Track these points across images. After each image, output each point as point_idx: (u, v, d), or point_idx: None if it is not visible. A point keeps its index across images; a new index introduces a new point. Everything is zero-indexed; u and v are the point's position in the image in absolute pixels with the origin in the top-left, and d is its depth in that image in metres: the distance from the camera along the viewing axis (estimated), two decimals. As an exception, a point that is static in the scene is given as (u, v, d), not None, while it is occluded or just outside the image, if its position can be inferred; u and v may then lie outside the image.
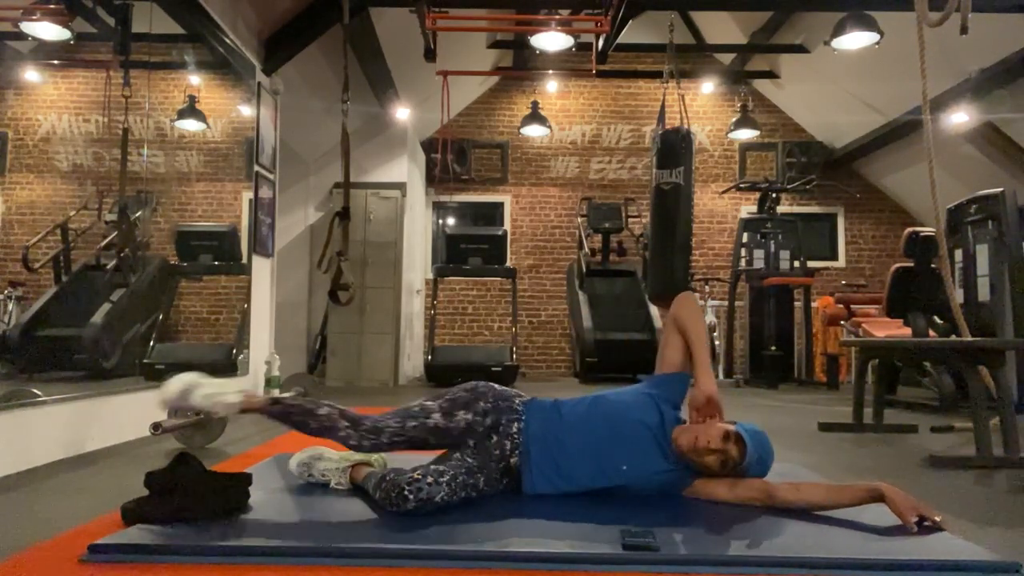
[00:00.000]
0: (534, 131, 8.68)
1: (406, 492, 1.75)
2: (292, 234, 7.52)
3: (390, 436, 1.97)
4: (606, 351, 7.39)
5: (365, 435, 1.97)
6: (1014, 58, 5.79)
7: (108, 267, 3.95)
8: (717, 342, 7.72)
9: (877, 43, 5.88)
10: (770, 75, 8.80)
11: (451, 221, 9.35)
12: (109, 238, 3.91)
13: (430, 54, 5.81)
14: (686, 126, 6.10)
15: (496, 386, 2.11)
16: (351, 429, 1.97)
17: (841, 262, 9.20)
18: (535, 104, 8.45)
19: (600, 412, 2.02)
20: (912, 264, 5.54)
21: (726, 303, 7.86)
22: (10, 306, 3.60)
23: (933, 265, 5.37)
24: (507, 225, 9.06)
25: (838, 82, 7.74)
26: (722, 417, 1.97)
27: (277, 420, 2.07)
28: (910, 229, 5.69)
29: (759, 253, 7.52)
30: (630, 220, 8.70)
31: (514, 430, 1.99)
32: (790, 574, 1.45)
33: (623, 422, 1.98)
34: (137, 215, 4.07)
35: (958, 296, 4.48)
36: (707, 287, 7.92)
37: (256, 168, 4.88)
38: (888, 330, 5.58)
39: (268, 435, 3.49)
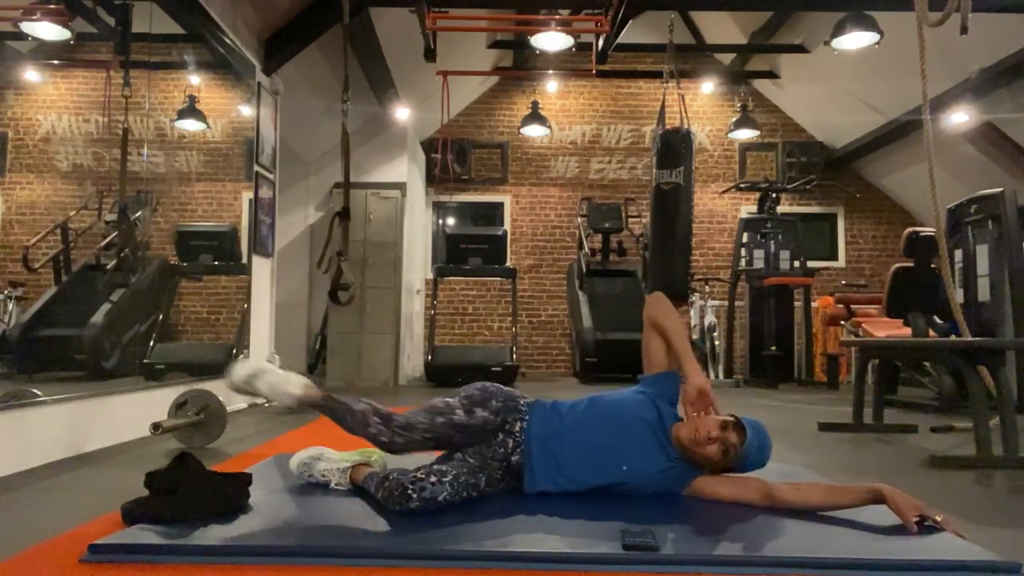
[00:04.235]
0: (534, 131, 8.68)
1: (410, 491, 1.75)
2: (292, 234, 7.52)
3: (422, 433, 1.94)
4: (606, 351, 7.39)
5: (398, 432, 1.93)
6: (1014, 58, 5.79)
7: (108, 267, 3.95)
8: (717, 342, 7.71)
9: (877, 43, 5.88)
10: (770, 75, 8.80)
11: (451, 221, 9.34)
12: (109, 238, 3.90)
13: (430, 54, 5.81)
14: (686, 126, 6.10)
15: (502, 386, 2.12)
16: (382, 426, 1.94)
17: (841, 262, 9.20)
18: (535, 104, 8.45)
19: (599, 413, 2.03)
20: (912, 264, 5.53)
21: (726, 303, 7.86)
22: (10, 306, 3.60)
23: (933, 265, 5.36)
24: (507, 225, 9.06)
25: (838, 82, 7.74)
26: (716, 408, 1.97)
27: (324, 413, 2.08)
28: (910, 229, 5.69)
29: (759, 253, 7.52)
30: (630, 220, 8.70)
31: (517, 429, 2.01)
32: (790, 574, 1.45)
33: (622, 421, 1.99)
34: (137, 215, 4.07)
35: (958, 296, 4.48)
36: (707, 287, 7.92)
37: (256, 168, 4.88)
38: (888, 330, 5.57)
39: (268, 435, 3.49)
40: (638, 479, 1.97)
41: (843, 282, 8.35)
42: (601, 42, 6.22)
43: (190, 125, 4.75)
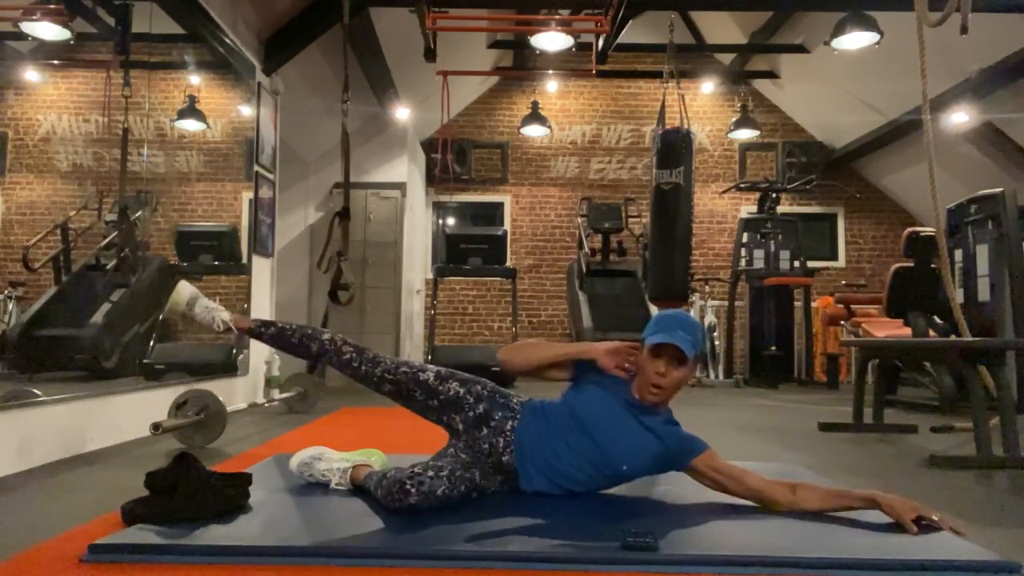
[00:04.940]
0: (534, 131, 8.69)
1: (408, 486, 1.75)
2: (292, 234, 7.51)
3: (382, 371, 2.11)
4: (606, 351, 7.38)
5: (365, 361, 2.13)
6: (1014, 58, 5.79)
7: (108, 267, 3.95)
8: (717, 342, 7.71)
9: (877, 43, 5.88)
10: (770, 75, 8.80)
11: (451, 221, 9.35)
12: (109, 238, 3.90)
13: (430, 54, 5.81)
14: (686, 126, 6.10)
15: (497, 385, 2.12)
16: (354, 354, 2.14)
17: (841, 262, 9.20)
18: (535, 104, 8.45)
19: (586, 412, 1.98)
20: (912, 264, 5.53)
21: (726, 303, 7.86)
22: (10, 306, 3.60)
23: (933, 265, 5.36)
24: (507, 225, 9.07)
25: (838, 82, 7.74)
26: (631, 349, 2.01)
27: (269, 343, 2.24)
28: (910, 229, 5.68)
29: (759, 253, 7.52)
30: (630, 220, 8.70)
31: (507, 427, 1.99)
32: (790, 574, 1.45)
33: (610, 418, 1.96)
34: (137, 215, 4.07)
35: (958, 296, 4.48)
36: (707, 287, 7.92)
37: (256, 168, 4.88)
38: (888, 330, 5.57)
39: (268, 435, 3.49)
40: (637, 471, 1.97)
41: (843, 282, 8.35)
42: (601, 42, 6.22)
43: (190, 125, 4.75)
